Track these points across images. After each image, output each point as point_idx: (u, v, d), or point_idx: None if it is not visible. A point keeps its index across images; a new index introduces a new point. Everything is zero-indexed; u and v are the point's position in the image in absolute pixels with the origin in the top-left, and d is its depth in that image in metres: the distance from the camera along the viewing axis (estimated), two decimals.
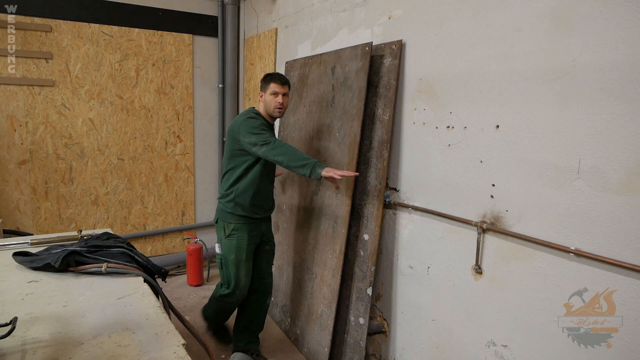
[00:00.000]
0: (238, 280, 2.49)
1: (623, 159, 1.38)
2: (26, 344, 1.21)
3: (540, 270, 1.64)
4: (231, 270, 2.48)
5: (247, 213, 2.44)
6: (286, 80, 2.43)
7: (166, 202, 4.08)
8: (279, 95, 2.39)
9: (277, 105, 2.39)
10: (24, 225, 3.51)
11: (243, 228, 2.46)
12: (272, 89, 2.38)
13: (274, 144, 2.22)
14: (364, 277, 2.38)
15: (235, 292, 2.52)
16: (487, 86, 1.81)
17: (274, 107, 2.40)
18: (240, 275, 2.49)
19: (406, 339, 2.34)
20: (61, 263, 1.70)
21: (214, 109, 4.22)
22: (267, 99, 2.40)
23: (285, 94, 2.41)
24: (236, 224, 2.45)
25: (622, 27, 1.36)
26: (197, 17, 4.03)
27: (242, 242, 2.46)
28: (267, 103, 2.41)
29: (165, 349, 1.22)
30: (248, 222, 2.47)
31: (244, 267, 2.48)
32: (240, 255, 2.46)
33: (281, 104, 2.39)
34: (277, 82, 2.39)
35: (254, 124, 2.32)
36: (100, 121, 3.71)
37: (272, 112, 2.42)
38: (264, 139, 2.25)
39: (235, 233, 2.46)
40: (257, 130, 2.29)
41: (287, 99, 2.44)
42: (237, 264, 2.47)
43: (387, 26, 2.37)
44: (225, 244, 2.48)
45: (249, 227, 2.47)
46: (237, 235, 2.46)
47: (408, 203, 2.28)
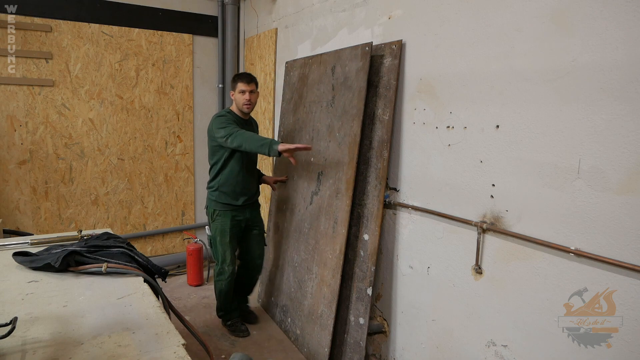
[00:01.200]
0: (225, 258, 2.85)
1: (623, 159, 1.38)
2: (26, 344, 1.21)
3: (540, 270, 1.64)
4: (218, 249, 2.85)
5: (229, 201, 2.78)
6: (252, 78, 2.73)
7: (166, 202, 4.08)
8: (246, 93, 2.69)
9: (245, 102, 2.70)
10: (24, 225, 3.51)
11: (226, 214, 2.80)
12: (240, 88, 2.69)
13: (235, 134, 2.50)
14: (364, 277, 2.38)
15: (224, 268, 2.86)
16: (487, 86, 1.81)
17: (242, 103, 2.71)
18: (226, 254, 2.84)
19: (406, 339, 2.34)
20: (61, 263, 1.70)
21: (214, 109, 4.22)
22: (237, 97, 2.71)
23: (252, 91, 2.70)
24: (220, 210, 2.80)
25: (622, 27, 1.36)
26: (197, 17, 4.03)
27: (225, 225, 2.81)
28: (237, 100, 2.72)
29: (165, 349, 1.22)
30: (230, 209, 2.80)
31: (228, 247, 2.84)
32: (224, 237, 2.82)
33: (248, 100, 2.70)
34: (243, 81, 2.69)
35: (222, 120, 2.63)
36: (100, 121, 3.71)
37: (241, 108, 2.73)
38: (228, 131, 2.53)
39: (218, 218, 2.81)
40: (224, 124, 2.59)
41: (254, 95, 2.73)
42: (222, 244, 2.83)
43: (387, 26, 2.37)
44: (212, 227, 2.86)
45: (231, 213, 2.80)
46: (220, 220, 2.81)
47: (408, 203, 2.28)
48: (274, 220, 3.28)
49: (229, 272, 2.87)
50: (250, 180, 2.86)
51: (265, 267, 3.37)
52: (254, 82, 2.74)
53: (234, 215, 2.81)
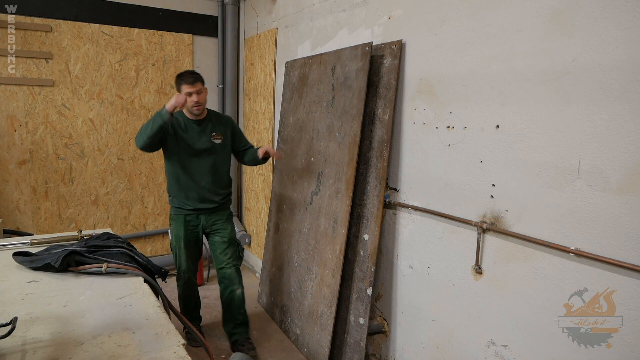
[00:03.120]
0: (180, 264, 2.73)
1: (623, 159, 1.38)
2: (26, 344, 1.21)
3: (540, 270, 1.64)
4: (174, 255, 2.74)
5: (178, 204, 2.67)
6: (196, 77, 2.52)
7: (166, 202, 4.08)
8: (193, 95, 2.50)
9: (193, 104, 2.52)
10: (24, 225, 3.51)
11: (178, 218, 2.68)
12: (185, 90, 2.49)
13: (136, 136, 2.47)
14: (364, 277, 2.38)
15: (180, 275, 2.76)
16: (487, 86, 1.81)
17: (190, 106, 2.52)
18: (181, 261, 2.72)
19: (406, 339, 2.34)
20: (61, 263, 1.70)
21: (214, 108, 4.21)
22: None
23: (198, 92, 2.51)
24: (173, 214, 2.71)
25: (622, 27, 1.36)
26: (197, 17, 4.03)
27: (178, 230, 2.68)
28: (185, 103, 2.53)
29: (165, 349, 1.22)
30: (181, 213, 2.67)
31: (183, 253, 2.70)
32: (178, 242, 2.69)
33: (197, 102, 2.52)
34: (187, 83, 2.49)
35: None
36: (100, 121, 3.71)
37: (191, 111, 2.56)
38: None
39: (172, 222, 2.72)
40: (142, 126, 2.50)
41: (202, 95, 2.54)
42: (177, 250, 2.71)
43: (387, 26, 2.37)
44: (170, 230, 2.75)
45: (183, 218, 2.67)
46: (174, 224, 2.70)
47: (408, 203, 2.28)
48: (274, 220, 3.28)
49: (184, 280, 2.76)
50: (196, 184, 2.63)
51: (265, 267, 3.37)
52: (199, 81, 2.53)
53: (188, 221, 2.68)
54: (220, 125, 2.71)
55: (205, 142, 2.63)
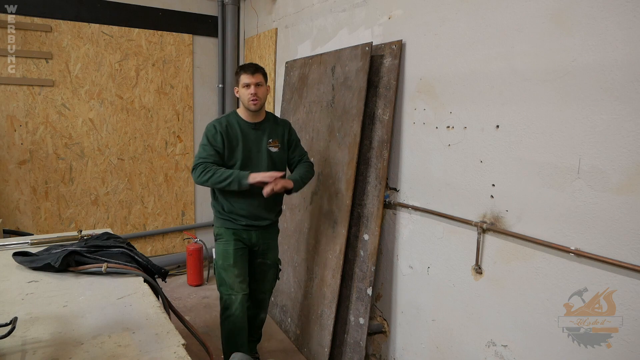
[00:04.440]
0: (229, 285, 2.28)
1: (623, 159, 1.38)
2: (26, 344, 1.21)
3: (540, 270, 1.64)
4: (220, 275, 2.32)
5: (228, 217, 2.31)
6: (257, 68, 2.23)
7: (166, 202, 4.08)
8: (251, 87, 2.19)
9: (250, 97, 2.20)
10: (24, 225, 3.51)
11: (227, 233, 2.31)
12: (243, 81, 2.21)
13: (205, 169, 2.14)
14: (364, 277, 2.38)
15: (232, 302, 2.28)
16: (487, 86, 1.81)
17: (247, 99, 2.21)
18: (230, 281, 2.28)
19: (406, 339, 2.34)
20: (61, 263, 1.70)
21: (214, 109, 4.22)
22: (241, 92, 2.23)
23: (258, 84, 2.20)
24: (221, 227, 2.33)
25: (622, 27, 1.36)
26: (197, 17, 4.03)
27: (228, 246, 2.30)
28: (242, 97, 2.24)
29: (165, 349, 1.22)
30: (230, 227, 2.31)
31: (231, 272, 2.29)
32: (227, 260, 2.30)
33: (254, 94, 2.19)
34: (247, 73, 2.21)
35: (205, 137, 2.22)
36: (100, 121, 3.71)
37: (247, 106, 2.23)
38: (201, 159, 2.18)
39: (221, 238, 2.33)
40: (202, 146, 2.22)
41: (261, 89, 2.22)
42: (224, 269, 2.30)
43: (387, 26, 2.37)
44: (216, 249, 2.36)
45: (233, 233, 2.31)
46: (223, 239, 2.32)
47: (408, 203, 2.28)
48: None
49: (238, 307, 2.27)
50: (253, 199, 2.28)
51: None
52: (261, 73, 2.23)
53: (238, 236, 2.32)
54: (278, 131, 2.36)
55: (262, 150, 2.30)
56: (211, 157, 2.19)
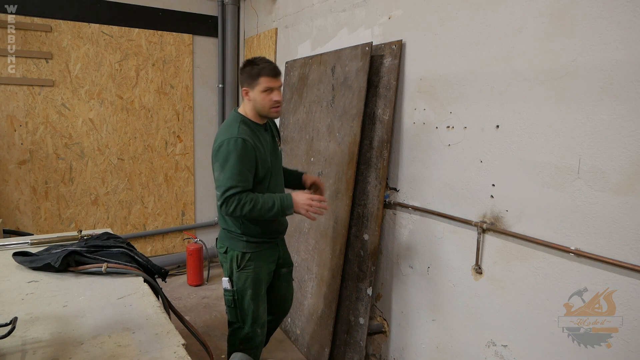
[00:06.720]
0: (257, 318, 2.01)
1: (623, 159, 1.38)
2: (26, 344, 1.21)
3: (540, 270, 1.64)
4: (248, 309, 1.99)
5: (262, 238, 1.99)
6: (278, 69, 1.90)
7: (166, 202, 4.08)
8: (274, 92, 1.85)
9: (274, 104, 1.87)
10: (24, 225, 3.51)
11: (259, 256, 1.99)
12: (265, 85, 1.84)
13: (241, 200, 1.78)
14: (364, 277, 2.38)
15: (256, 331, 2.03)
16: (487, 86, 1.81)
17: (269, 106, 1.87)
18: (260, 312, 2.02)
19: (406, 339, 2.34)
20: (61, 263, 1.70)
21: (214, 109, 4.22)
22: (258, 97, 1.86)
23: (280, 87, 1.90)
24: (252, 252, 1.97)
25: (622, 27, 1.36)
26: (197, 17, 4.03)
27: (259, 272, 1.99)
28: (260, 102, 1.87)
29: (165, 349, 1.22)
30: (264, 248, 2.01)
31: (262, 301, 2.03)
32: (258, 289, 1.99)
33: (278, 102, 1.87)
34: (268, 76, 1.84)
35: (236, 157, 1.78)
36: (100, 121, 3.71)
37: (268, 113, 1.90)
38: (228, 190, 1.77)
39: (250, 264, 1.97)
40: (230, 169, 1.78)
41: (280, 93, 1.90)
42: (255, 300, 1.99)
43: (387, 26, 2.37)
44: (239, 278, 1.97)
45: (266, 253, 2.03)
46: (253, 265, 1.97)
47: (408, 203, 2.28)
48: None
49: (261, 336, 2.06)
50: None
51: None
52: (280, 74, 1.92)
53: (267, 256, 2.04)
54: (273, 126, 2.13)
55: (277, 153, 2.07)
56: (245, 184, 1.81)
